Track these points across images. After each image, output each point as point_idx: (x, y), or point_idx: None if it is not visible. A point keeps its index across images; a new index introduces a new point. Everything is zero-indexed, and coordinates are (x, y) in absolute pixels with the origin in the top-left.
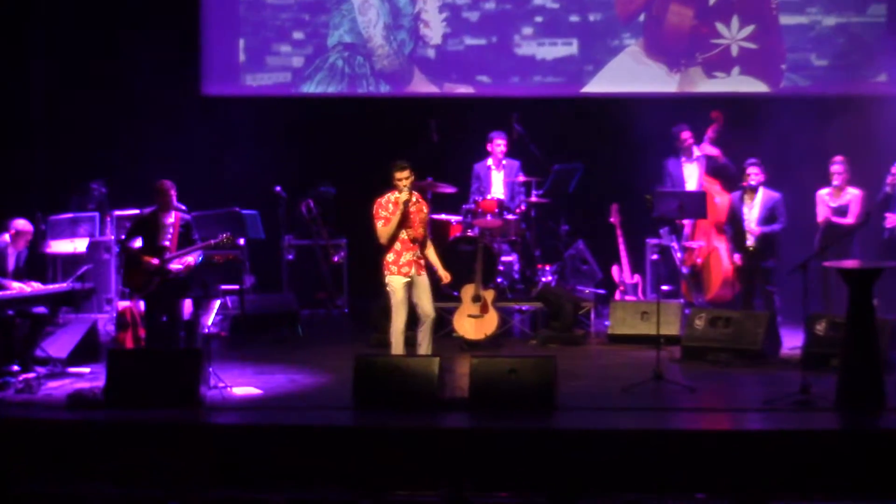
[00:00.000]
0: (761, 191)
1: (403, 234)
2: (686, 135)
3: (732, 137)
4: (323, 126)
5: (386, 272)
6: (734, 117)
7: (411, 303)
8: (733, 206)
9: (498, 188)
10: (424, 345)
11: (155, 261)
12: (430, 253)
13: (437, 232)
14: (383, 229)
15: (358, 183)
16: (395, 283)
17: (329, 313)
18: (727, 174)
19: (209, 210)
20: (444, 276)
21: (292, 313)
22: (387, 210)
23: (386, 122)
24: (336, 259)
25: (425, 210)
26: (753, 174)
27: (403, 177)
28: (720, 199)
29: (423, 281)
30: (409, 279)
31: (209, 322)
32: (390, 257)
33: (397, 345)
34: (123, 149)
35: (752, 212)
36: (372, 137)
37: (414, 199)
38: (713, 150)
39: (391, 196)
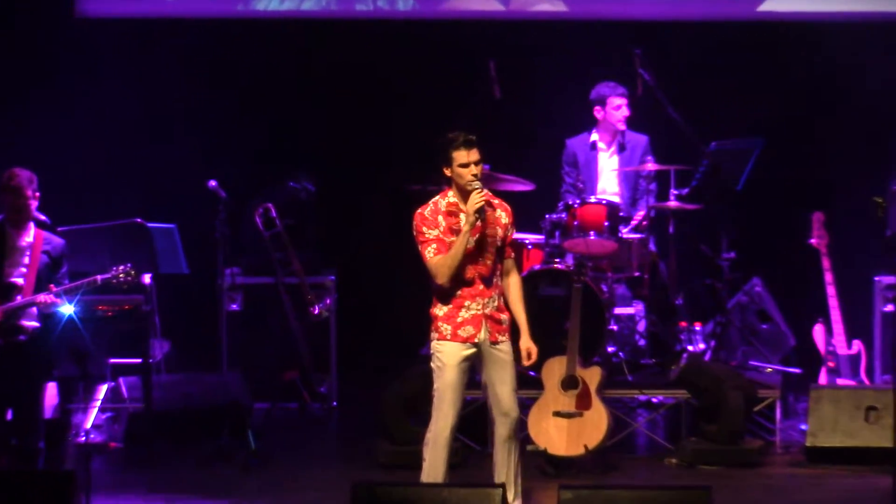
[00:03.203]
0: None
1: (469, 269)
2: None
3: None
4: (293, 73)
5: (433, 334)
6: None
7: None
8: None
9: (609, 184)
10: (503, 469)
11: None
12: (515, 296)
13: None
14: (437, 261)
15: (355, 174)
16: (445, 354)
17: (304, 408)
18: None
19: (92, 223)
20: (528, 349)
21: (238, 409)
22: (437, 226)
23: (408, 64)
24: (317, 310)
25: (506, 219)
26: None
27: (473, 161)
28: None
29: (502, 353)
30: (472, 349)
31: (89, 423)
32: (441, 310)
33: (435, 462)
34: None
35: None
36: (382, 93)
37: (488, 202)
38: None
39: (441, 202)
